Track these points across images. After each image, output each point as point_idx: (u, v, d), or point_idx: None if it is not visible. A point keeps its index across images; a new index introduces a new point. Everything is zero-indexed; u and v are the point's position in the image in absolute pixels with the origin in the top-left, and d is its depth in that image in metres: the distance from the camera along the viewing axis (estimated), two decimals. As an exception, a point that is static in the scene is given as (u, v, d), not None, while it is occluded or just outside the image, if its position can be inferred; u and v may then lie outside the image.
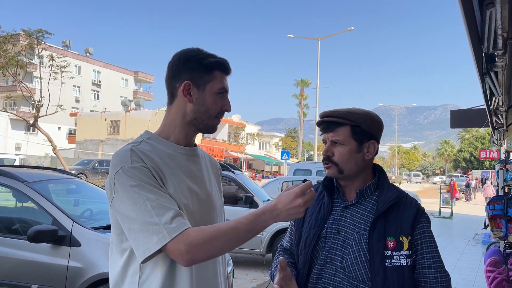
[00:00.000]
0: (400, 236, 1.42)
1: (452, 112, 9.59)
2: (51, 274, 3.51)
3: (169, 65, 1.40)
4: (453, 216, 16.53)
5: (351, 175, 1.51)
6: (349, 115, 1.48)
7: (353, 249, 1.43)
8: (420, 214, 1.47)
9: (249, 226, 1.20)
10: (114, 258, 1.33)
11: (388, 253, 1.40)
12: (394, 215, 1.45)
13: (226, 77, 1.41)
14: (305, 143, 70.75)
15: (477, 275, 7.17)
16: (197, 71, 1.36)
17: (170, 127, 1.41)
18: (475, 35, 3.23)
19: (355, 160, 1.49)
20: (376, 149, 1.53)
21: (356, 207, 1.51)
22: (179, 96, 1.38)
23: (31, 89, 15.83)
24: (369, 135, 1.50)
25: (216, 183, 1.53)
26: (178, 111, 1.39)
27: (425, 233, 1.46)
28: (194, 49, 1.41)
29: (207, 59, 1.37)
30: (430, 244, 1.46)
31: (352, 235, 1.46)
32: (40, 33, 14.73)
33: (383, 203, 1.46)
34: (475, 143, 69.76)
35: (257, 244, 6.99)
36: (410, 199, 1.52)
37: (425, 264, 1.44)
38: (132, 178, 1.22)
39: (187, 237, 1.16)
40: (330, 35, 32.97)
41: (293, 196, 1.20)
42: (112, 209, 1.27)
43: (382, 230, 1.43)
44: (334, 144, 1.50)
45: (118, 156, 1.29)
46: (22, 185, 3.86)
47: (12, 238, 3.74)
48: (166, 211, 1.18)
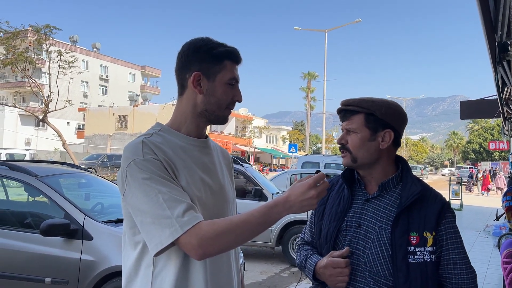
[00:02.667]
0: (424, 232, 1.39)
1: (462, 103, 9.50)
2: (64, 268, 3.54)
3: (179, 56, 1.38)
4: (463, 208, 16.43)
5: (364, 163, 1.48)
6: (362, 102, 1.47)
7: (374, 243, 1.41)
8: (445, 209, 1.44)
9: (262, 219, 1.19)
10: (127, 251, 1.33)
11: (411, 249, 1.38)
12: (417, 210, 1.42)
13: (236, 66, 1.38)
14: (312, 136, 70.59)
15: (488, 267, 7.12)
16: (206, 61, 1.33)
17: (181, 118, 1.39)
18: (489, 23, 3.19)
19: (367, 148, 1.46)
20: (392, 138, 1.48)
21: (378, 200, 1.48)
22: (189, 87, 1.35)
23: (40, 85, 15.92)
24: (385, 123, 1.46)
25: (228, 175, 1.52)
26: (188, 102, 1.37)
27: (451, 228, 1.43)
28: (204, 38, 1.38)
29: (217, 49, 1.34)
30: (456, 240, 1.43)
31: (373, 229, 1.43)
32: (48, 28, 14.78)
33: (407, 197, 1.43)
34: (484, 134, 69.09)
35: (267, 236, 7.00)
36: (434, 194, 1.48)
37: (450, 260, 1.41)
38: (144, 171, 1.21)
39: (199, 231, 1.15)
40: (337, 27, 32.70)
41: (306, 187, 1.19)
42: (124, 202, 1.26)
43: (405, 225, 1.40)
44: (348, 132, 1.49)
45: (130, 148, 1.27)
46: (34, 179, 3.88)
47: (25, 232, 3.77)
48: (178, 204, 1.18)
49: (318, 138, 70.16)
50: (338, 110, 1.55)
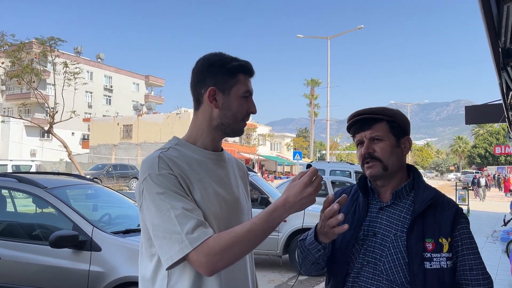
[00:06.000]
0: (440, 238, 1.39)
1: (467, 108, 9.47)
2: (73, 279, 3.55)
3: (193, 72, 1.41)
4: (470, 213, 16.31)
5: (393, 171, 1.47)
6: (386, 111, 1.49)
7: (390, 251, 1.40)
8: (459, 215, 1.44)
9: (265, 225, 1.21)
10: (144, 262, 1.36)
11: (427, 255, 1.37)
12: (431, 216, 1.42)
13: (250, 79, 1.41)
14: (316, 143, 70.53)
15: (497, 273, 7.06)
16: (221, 76, 1.36)
17: (197, 132, 1.42)
18: (492, 30, 3.20)
19: (396, 155, 1.47)
20: (410, 145, 1.53)
21: (392, 208, 1.48)
22: (205, 102, 1.38)
23: (45, 96, 16.04)
24: (404, 130, 1.51)
25: (243, 186, 1.54)
26: (204, 116, 1.40)
27: (465, 234, 1.43)
28: (217, 53, 1.41)
29: (230, 63, 1.37)
30: (471, 246, 1.43)
31: (389, 237, 1.43)
32: (52, 40, 14.92)
33: (420, 203, 1.43)
34: (489, 139, 68.75)
35: (273, 245, 6.97)
36: (447, 200, 1.49)
37: (466, 266, 1.41)
38: (159, 185, 1.24)
39: (207, 247, 1.18)
40: (339, 34, 32.84)
41: (303, 186, 1.21)
42: (141, 215, 1.30)
43: (420, 231, 1.39)
44: (372, 141, 1.47)
45: (147, 162, 1.31)
46: (43, 191, 3.91)
47: (34, 244, 3.79)
48: (189, 220, 1.20)
49: (322, 145, 70.03)
50: (354, 122, 1.52)
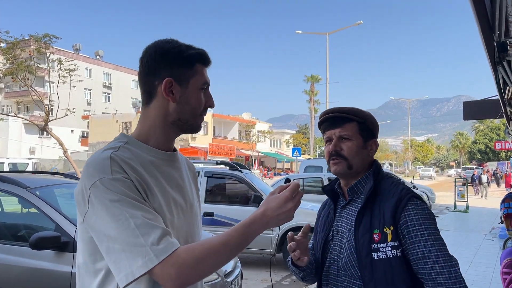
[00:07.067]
0: (384, 227, 1.38)
1: (465, 103, 9.38)
2: (55, 281, 3.45)
3: (142, 61, 1.25)
4: (468, 209, 16.24)
5: (357, 171, 1.50)
6: (358, 112, 1.52)
7: (345, 247, 1.45)
8: (403, 202, 1.38)
9: (240, 239, 1.13)
10: (83, 281, 1.18)
11: (374, 246, 1.37)
12: (377, 206, 1.42)
13: (206, 69, 1.29)
14: (316, 139, 70.38)
15: (494, 271, 6.98)
16: (177, 66, 1.22)
17: (149, 129, 1.26)
18: (486, 23, 3.09)
19: (361, 156, 1.50)
20: (377, 148, 1.56)
21: (350, 205, 1.52)
22: (159, 95, 1.23)
23: (41, 94, 15.91)
24: (373, 133, 1.54)
25: (194, 188, 1.43)
26: (158, 111, 1.25)
27: (414, 221, 1.36)
28: (169, 40, 1.27)
29: (187, 52, 1.24)
30: (421, 232, 1.34)
31: (345, 233, 1.48)
32: (47, 37, 14.77)
33: (364, 196, 1.45)
34: (490, 134, 68.63)
35: (267, 244, 6.89)
36: (395, 189, 1.44)
37: (418, 254, 1.34)
38: (113, 192, 1.08)
39: (177, 259, 1.05)
40: (338, 30, 32.82)
41: (284, 201, 1.15)
42: (85, 225, 1.12)
43: (368, 223, 1.40)
44: (341, 139, 1.50)
45: (95, 165, 1.13)
46: (25, 191, 3.81)
47: (17, 246, 3.70)
48: (153, 230, 1.06)
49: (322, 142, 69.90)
50: (325, 119, 1.55)
